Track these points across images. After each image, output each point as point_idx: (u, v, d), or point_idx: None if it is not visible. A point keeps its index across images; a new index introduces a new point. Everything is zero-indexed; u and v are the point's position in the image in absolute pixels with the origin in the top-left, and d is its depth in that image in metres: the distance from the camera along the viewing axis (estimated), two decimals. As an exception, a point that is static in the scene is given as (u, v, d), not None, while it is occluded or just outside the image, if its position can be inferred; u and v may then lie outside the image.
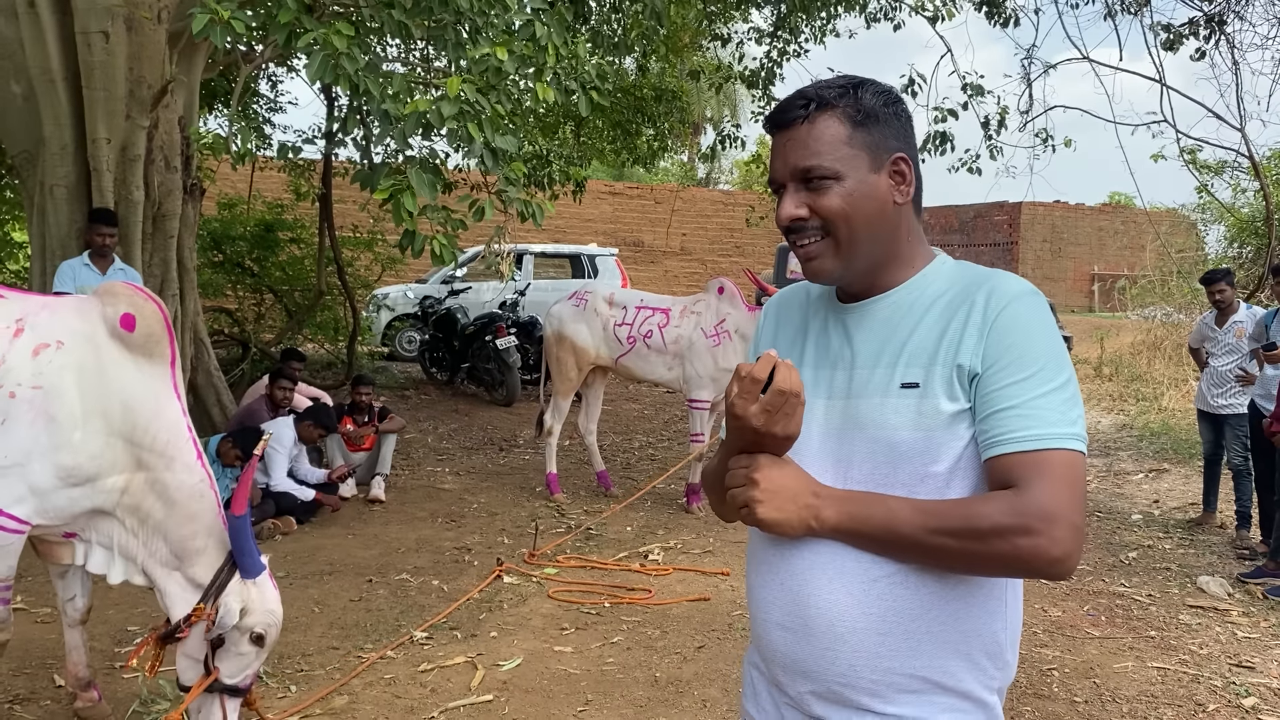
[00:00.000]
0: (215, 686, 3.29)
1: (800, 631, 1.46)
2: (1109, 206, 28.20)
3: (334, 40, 4.16)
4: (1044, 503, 1.31)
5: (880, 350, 1.49)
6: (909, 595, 1.42)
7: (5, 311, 3.30)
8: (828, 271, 1.51)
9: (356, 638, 4.62)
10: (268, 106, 12.67)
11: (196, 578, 3.32)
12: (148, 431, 3.31)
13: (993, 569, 1.39)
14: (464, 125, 4.41)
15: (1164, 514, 7.50)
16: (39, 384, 3.19)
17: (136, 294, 3.43)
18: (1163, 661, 4.61)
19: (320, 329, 12.44)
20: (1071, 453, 1.36)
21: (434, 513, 6.92)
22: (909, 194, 1.51)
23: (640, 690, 4.13)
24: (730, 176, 34.50)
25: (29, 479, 3.16)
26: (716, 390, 6.95)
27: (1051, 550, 1.31)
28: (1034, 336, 1.40)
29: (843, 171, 1.47)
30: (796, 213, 1.49)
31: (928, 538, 1.36)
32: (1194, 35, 9.83)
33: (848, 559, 1.43)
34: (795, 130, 1.49)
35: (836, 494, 1.43)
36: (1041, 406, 1.36)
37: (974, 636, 1.45)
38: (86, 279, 6.19)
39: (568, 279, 14.68)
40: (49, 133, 6.74)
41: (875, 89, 1.51)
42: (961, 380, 1.41)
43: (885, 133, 1.50)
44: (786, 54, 11.03)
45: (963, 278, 1.50)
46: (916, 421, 1.41)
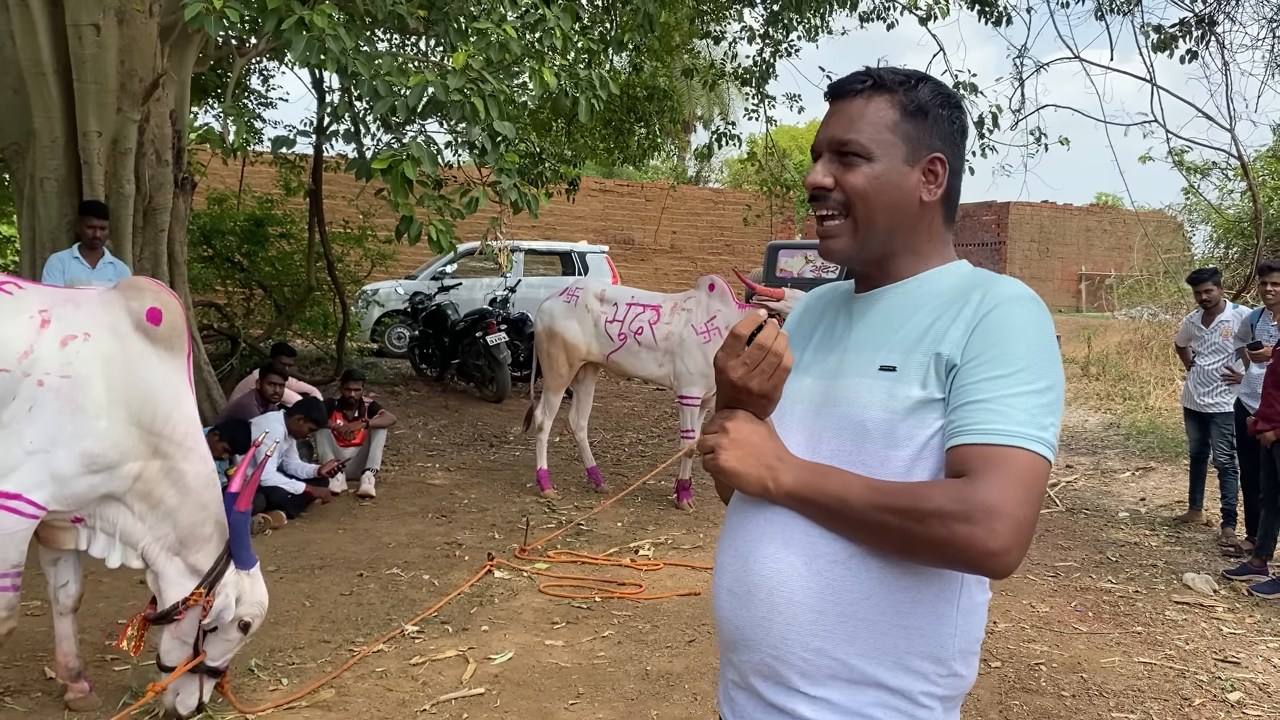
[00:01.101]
0: (199, 668, 3.49)
1: (744, 597, 1.47)
2: (1096, 207, 28.31)
3: (317, 20, 4.14)
4: (990, 495, 1.30)
5: (871, 335, 1.51)
6: (851, 577, 1.41)
7: (29, 303, 3.39)
8: (840, 250, 1.54)
9: (347, 631, 4.63)
10: (259, 101, 12.63)
11: (197, 565, 3.47)
12: (168, 421, 3.43)
13: (928, 554, 1.36)
14: (469, 100, 4.39)
15: (1150, 511, 7.55)
16: (67, 373, 3.30)
17: (161, 289, 3.59)
18: (1149, 656, 4.65)
19: (310, 324, 12.42)
20: (1033, 455, 1.34)
21: (424, 508, 6.93)
22: (936, 194, 1.53)
23: (631, 684, 4.15)
24: (720, 175, 34.53)
25: (51, 465, 3.26)
26: (707, 387, 6.97)
27: (989, 542, 1.28)
28: (1019, 338, 1.39)
29: (876, 154, 1.50)
30: (821, 180, 1.52)
31: (872, 513, 1.35)
32: (1185, 36, 9.88)
33: (796, 530, 1.43)
34: (848, 103, 1.52)
35: (798, 462, 1.45)
36: (1012, 405, 1.35)
37: (916, 635, 1.42)
38: (76, 272, 6.17)
39: (558, 276, 14.68)
40: (39, 125, 6.72)
41: (936, 88, 1.54)
42: (938, 369, 1.41)
43: (931, 130, 1.52)
44: (779, 52, 11.05)
45: (969, 277, 1.52)
46: (886, 403, 1.42)
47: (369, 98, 4.39)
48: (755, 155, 13.06)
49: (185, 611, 3.45)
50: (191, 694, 3.55)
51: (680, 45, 12.34)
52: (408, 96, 4.42)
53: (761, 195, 14.15)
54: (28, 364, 3.27)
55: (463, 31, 4.92)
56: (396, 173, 4.44)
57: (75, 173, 6.80)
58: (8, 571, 3.31)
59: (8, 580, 3.33)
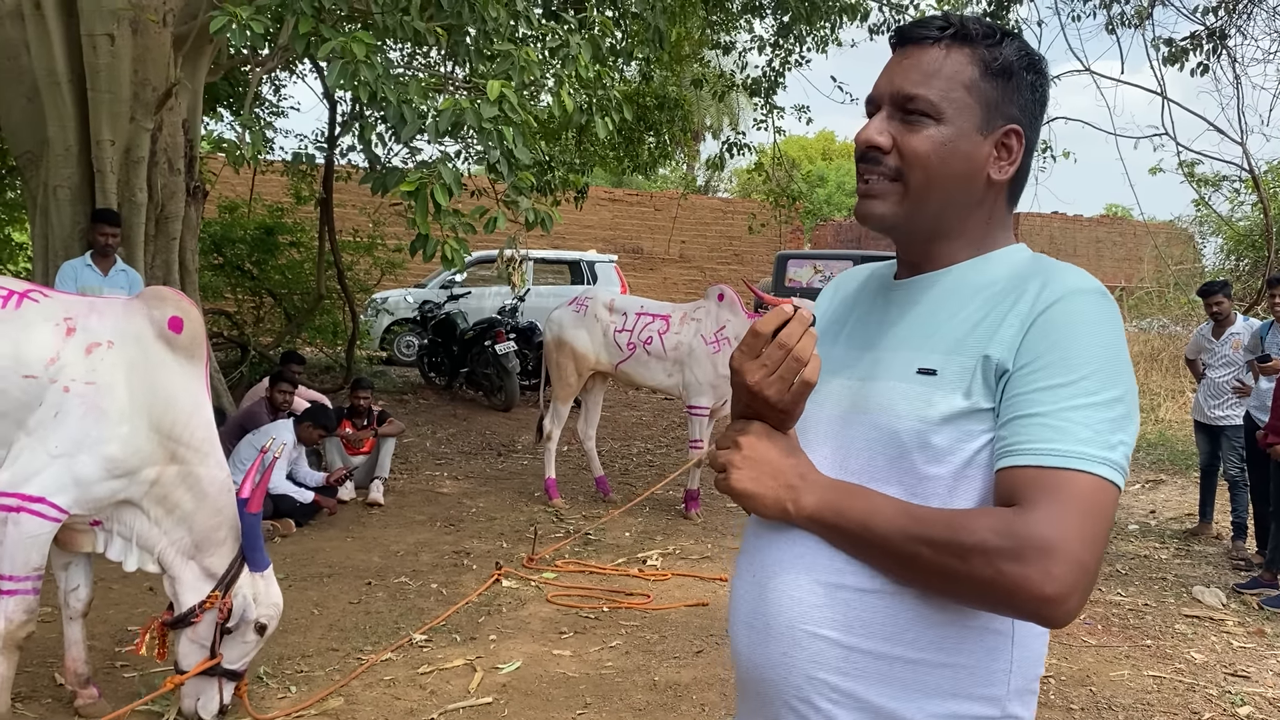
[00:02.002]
0: (216, 670, 3.53)
1: (762, 632, 1.29)
2: (1106, 218, 28.27)
3: (354, 48, 4.21)
4: (1045, 529, 1.10)
5: (912, 331, 1.31)
6: (884, 609, 1.22)
7: (54, 311, 3.47)
8: (881, 216, 1.32)
9: (356, 640, 4.63)
10: (270, 111, 12.70)
11: (212, 568, 3.52)
12: (187, 428, 3.50)
13: (970, 596, 1.16)
14: (498, 127, 4.45)
15: (1160, 524, 7.53)
16: (92, 380, 3.38)
17: (182, 299, 3.66)
18: (1159, 670, 4.63)
19: (319, 332, 12.46)
20: (1098, 479, 1.12)
21: (433, 517, 6.93)
22: (1008, 172, 1.32)
23: (639, 694, 4.15)
24: (730, 184, 34.56)
25: (75, 469, 3.33)
26: (716, 397, 6.97)
27: (1043, 586, 1.08)
28: (1084, 338, 1.18)
29: (947, 115, 1.28)
30: (877, 139, 1.29)
31: (905, 543, 1.17)
32: (1196, 49, 9.88)
33: (821, 555, 1.25)
34: (920, 51, 1.30)
35: (823, 481, 1.26)
36: (1073, 419, 1.14)
37: (963, 674, 1.22)
38: (88, 279, 6.21)
39: (567, 285, 14.71)
40: (53, 134, 6.76)
41: (1022, 47, 1.32)
42: (986, 375, 1.21)
43: (1011, 97, 1.30)
44: (788, 63, 11.08)
45: (1026, 265, 1.30)
46: (923, 413, 1.23)
47: (395, 122, 4.43)
48: (763, 165, 13.07)
49: (202, 614, 3.50)
50: (212, 698, 3.58)
51: (690, 55, 12.38)
52: (438, 120, 4.47)
53: (769, 205, 14.15)
54: (54, 371, 3.36)
55: (481, 51, 4.97)
56: (423, 196, 4.48)
57: (88, 181, 6.84)
58: (29, 575, 3.36)
59: (28, 583, 3.37)
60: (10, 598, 3.35)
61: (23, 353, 3.34)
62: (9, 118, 7.03)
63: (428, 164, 4.65)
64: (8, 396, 3.32)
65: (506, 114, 4.56)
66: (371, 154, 5.62)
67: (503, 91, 4.52)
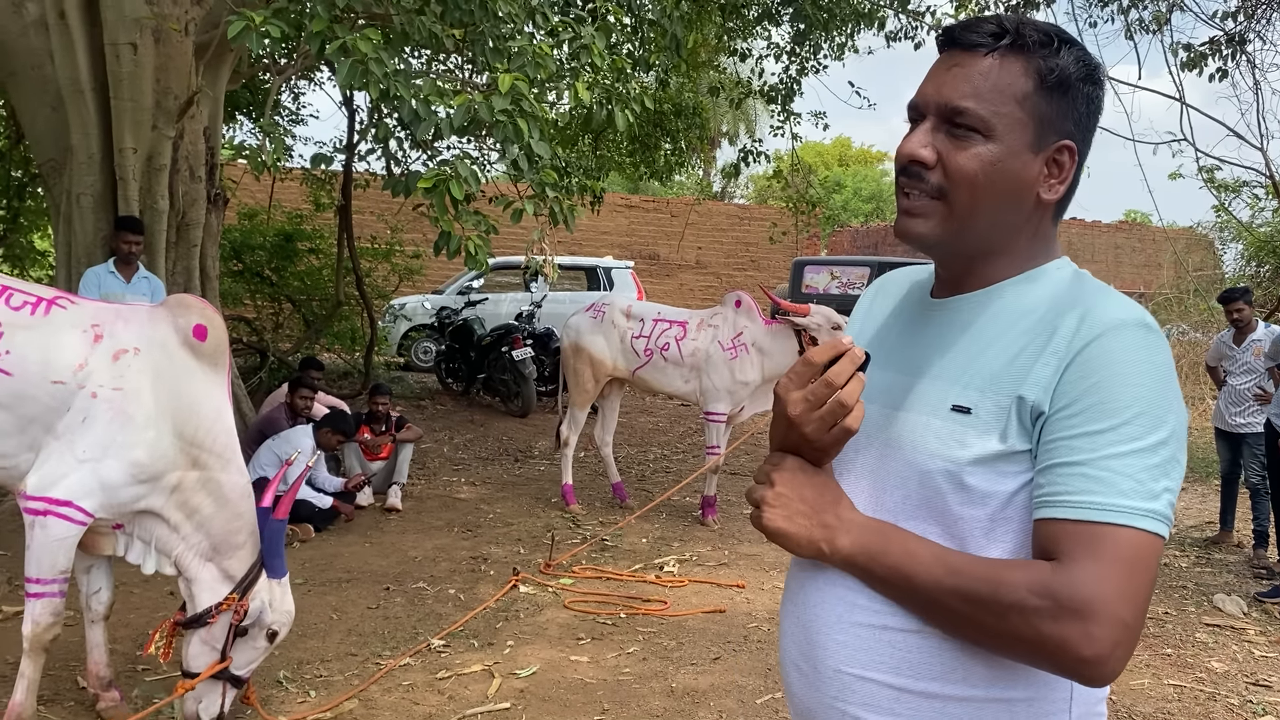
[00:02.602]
0: (223, 674, 3.55)
1: (811, 675, 1.26)
2: (1125, 224, 28.14)
3: (360, 45, 4.24)
4: (1085, 588, 1.05)
5: (947, 361, 1.25)
6: (931, 648, 1.18)
7: (81, 317, 3.53)
8: (922, 235, 1.25)
9: (374, 645, 4.66)
10: (290, 118, 12.79)
11: (230, 571, 3.56)
12: (210, 434, 3.55)
13: (1007, 652, 1.13)
14: (512, 120, 4.47)
15: (1181, 532, 7.48)
16: (119, 386, 3.43)
17: (206, 307, 3.74)
18: (1179, 679, 4.60)
19: (337, 338, 12.52)
20: (1140, 533, 1.08)
21: (450, 522, 6.96)
22: (1059, 192, 1.25)
23: (656, 700, 4.15)
24: (746, 190, 34.58)
25: (101, 474, 3.37)
26: (733, 403, 6.98)
27: (1081, 648, 1.04)
28: (1127, 379, 1.11)
29: (997, 131, 1.20)
30: (921, 153, 1.22)
31: (941, 595, 1.13)
32: (1215, 55, 9.83)
33: (860, 597, 1.22)
34: (971, 60, 1.22)
35: (860, 521, 1.22)
36: (1114, 469, 1.09)
37: (1021, 709, 1.18)
38: (111, 286, 6.27)
39: (583, 291, 14.74)
40: (76, 142, 6.83)
41: (1080, 56, 1.23)
42: (1022, 416, 1.15)
43: (1066, 111, 1.22)
44: (805, 70, 11.09)
45: (1066, 292, 1.23)
46: (955, 454, 1.17)
47: (409, 120, 4.47)
48: (781, 172, 13.07)
49: (217, 616, 3.53)
50: (214, 701, 3.61)
51: (707, 62, 12.40)
52: (451, 117, 4.50)
53: (787, 212, 14.14)
54: (82, 377, 3.41)
55: (498, 51, 5.00)
56: (441, 192, 4.50)
57: (111, 188, 6.90)
58: (55, 578, 3.40)
59: (55, 586, 3.41)
60: (38, 600, 3.39)
61: (52, 359, 3.40)
62: (33, 126, 7.11)
63: (447, 162, 4.68)
64: (37, 402, 3.37)
65: (521, 107, 4.58)
66: (390, 156, 5.66)
67: (515, 84, 4.53)
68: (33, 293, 3.54)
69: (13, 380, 3.34)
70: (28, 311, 3.44)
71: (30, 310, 3.45)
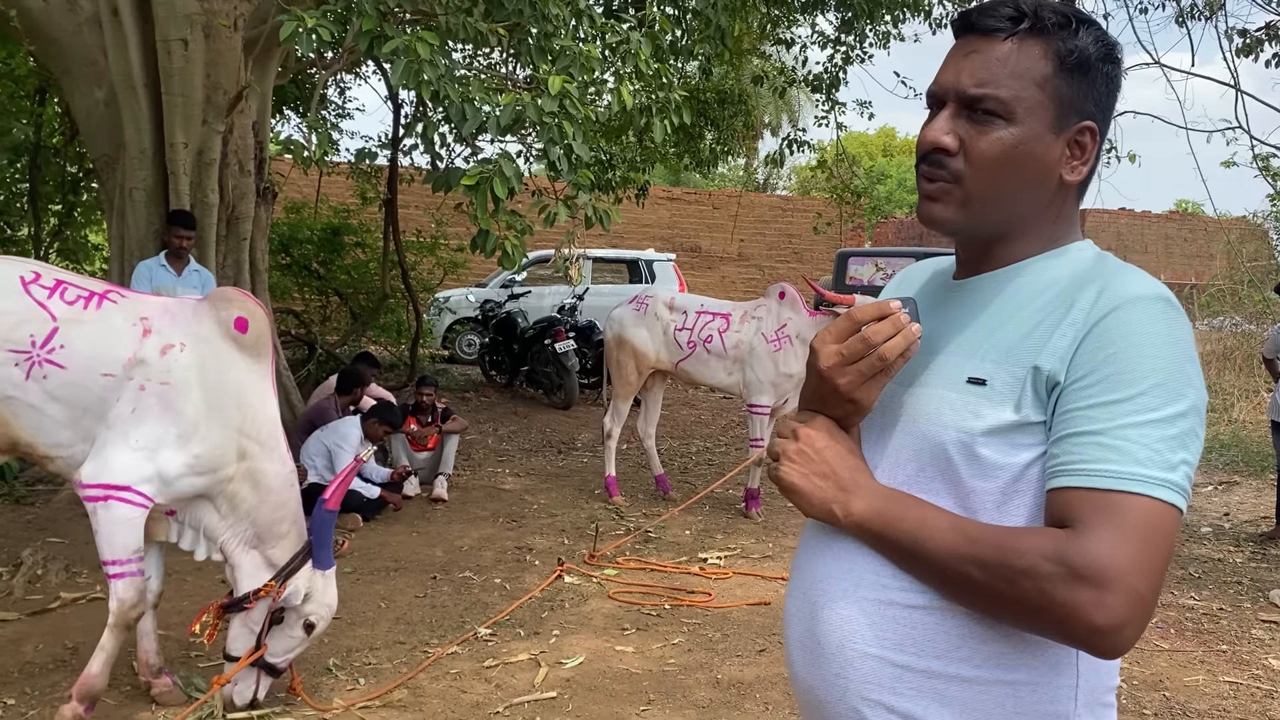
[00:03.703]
0: (259, 662, 3.62)
1: (814, 652, 1.25)
2: (1176, 214, 27.64)
3: (418, 47, 4.29)
4: (1100, 554, 1.04)
5: (965, 336, 1.25)
6: (935, 625, 1.17)
7: (131, 311, 3.60)
8: (944, 220, 1.25)
9: (422, 633, 4.70)
10: (336, 113, 12.92)
11: (273, 558, 3.65)
12: (254, 423, 3.63)
13: (1021, 620, 1.12)
14: (559, 122, 4.50)
15: (1235, 527, 7.34)
16: (167, 380, 3.51)
17: (247, 299, 3.79)
18: (1235, 676, 4.52)
19: (383, 331, 12.65)
20: (1156, 503, 1.07)
21: (495, 513, 7.00)
22: (1081, 173, 1.25)
23: (702, 691, 4.15)
24: (789, 182, 34.39)
25: (157, 463, 3.45)
26: (777, 395, 6.94)
27: (1094, 616, 1.03)
28: (1145, 350, 1.10)
29: (1018, 115, 1.20)
30: (943, 140, 1.22)
31: (955, 562, 1.12)
32: (1271, 40, 9.61)
33: (866, 569, 1.21)
34: (989, 44, 1.21)
35: (876, 489, 1.21)
36: (1130, 437, 1.08)
37: (1025, 690, 1.16)
38: (163, 279, 6.37)
39: (625, 284, 14.74)
40: (129, 137, 6.95)
41: (1099, 36, 1.23)
42: (1037, 387, 1.15)
43: (1087, 92, 1.22)
44: (850, 59, 10.99)
45: (1087, 269, 1.23)
46: (970, 425, 1.18)
47: (455, 118, 4.50)
48: (825, 163, 12.97)
49: (256, 601, 3.61)
50: (248, 686, 3.68)
51: (751, 50, 12.33)
52: (499, 116, 4.53)
53: (832, 203, 14.04)
54: (132, 370, 3.49)
55: (542, 50, 5.02)
56: (483, 190, 4.53)
57: (162, 183, 7.02)
58: (131, 557, 3.48)
59: (133, 565, 3.50)
60: (120, 580, 3.48)
61: (103, 352, 3.47)
62: (87, 121, 7.25)
63: (489, 161, 4.71)
64: (89, 393, 3.45)
65: (567, 109, 4.61)
66: (434, 152, 5.69)
67: (564, 87, 4.56)
68: (86, 287, 3.61)
69: (66, 373, 3.42)
70: (80, 306, 3.52)
71: (84, 305, 3.53)
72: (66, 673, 4.07)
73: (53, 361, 3.41)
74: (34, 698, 3.83)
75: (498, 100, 4.66)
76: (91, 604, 4.88)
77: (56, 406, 3.43)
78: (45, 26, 6.92)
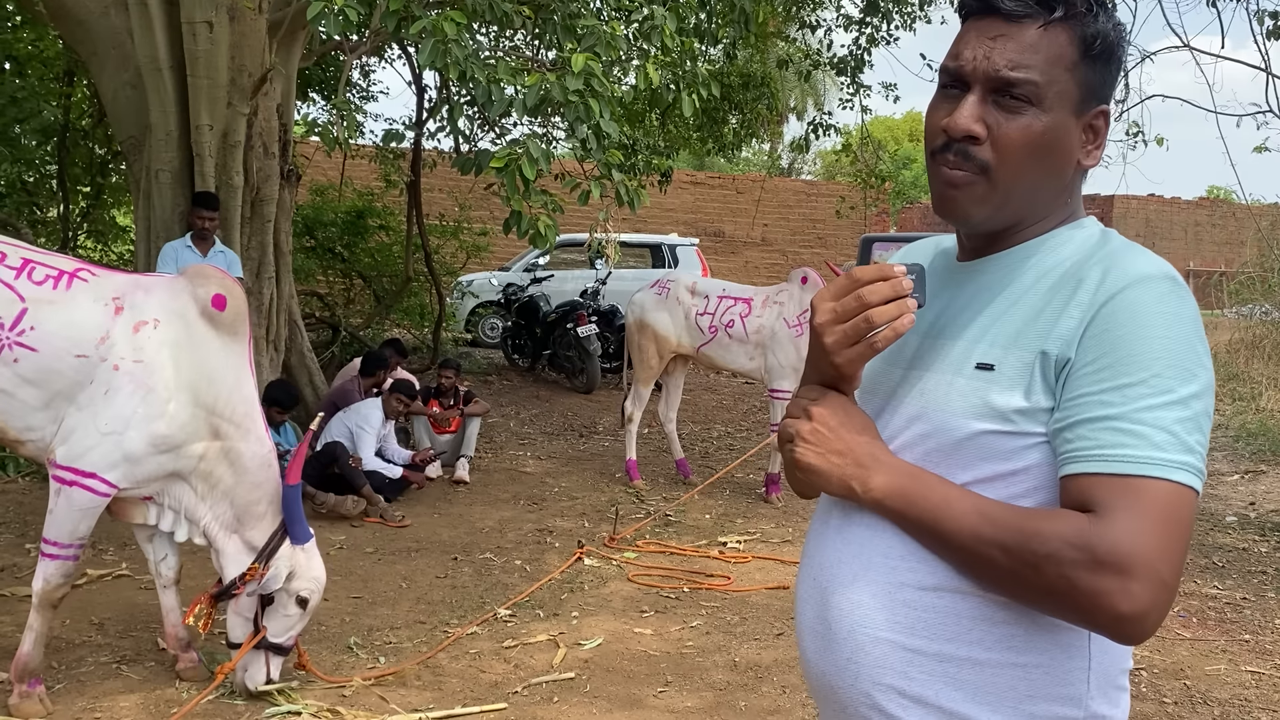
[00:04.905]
0: (262, 644, 3.62)
1: (825, 637, 1.24)
2: (1206, 200, 27.31)
3: (445, 27, 4.28)
4: (1123, 540, 1.03)
5: (971, 319, 1.23)
6: (946, 608, 1.17)
7: (103, 290, 3.57)
8: (968, 215, 1.23)
9: (442, 613, 4.74)
10: (360, 95, 12.95)
11: (253, 541, 3.63)
12: (229, 403, 3.60)
13: (1043, 605, 1.11)
14: (584, 100, 4.49)
15: (1260, 516, 7.27)
16: (140, 358, 3.47)
17: (225, 277, 3.77)
18: (1257, 666, 4.49)
19: (407, 314, 12.70)
20: (1176, 486, 1.06)
21: (516, 495, 7.04)
22: (1097, 158, 1.24)
23: (720, 674, 4.17)
24: (814, 167, 34.21)
25: (124, 446, 3.42)
26: (798, 381, 6.92)
27: (1119, 603, 1.03)
28: (1153, 332, 1.09)
29: (1048, 102, 1.17)
30: (974, 128, 1.17)
31: (976, 544, 1.11)
32: (1304, 22, 9.44)
33: (875, 551, 1.20)
34: (1015, 27, 1.17)
35: (895, 464, 1.19)
36: (1146, 421, 1.07)
37: (1037, 673, 1.16)
38: (188, 260, 6.41)
39: (648, 269, 14.73)
40: (155, 119, 6.99)
41: (1114, 18, 1.21)
42: (1045, 372, 1.13)
43: (1107, 77, 1.21)
44: (875, 41, 10.90)
45: (1091, 249, 1.21)
46: (978, 411, 1.16)
47: (482, 100, 4.50)
48: (850, 147, 12.88)
49: (243, 587, 3.61)
50: (259, 670, 3.68)
51: (776, 33, 12.25)
52: (524, 97, 4.52)
53: (856, 187, 13.95)
54: (104, 349, 3.46)
55: (568, 29, 5.01)
56: (512, 172, 4.53)
57: (188, 165, 7.05)
58: (73, 543, 3.51)
59: (71, 550, 3.51)
60: (52, 561, 3.49)
61: (74, 333, 3.43)
62: (114, 104, 7.29)
63: (517, 142, 4.71)
64: (63, 376, 3.42)
65: (593, 87, 4.59)
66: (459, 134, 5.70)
67: (588, 64, 4.54)
68: (55, 265, 3.56)
69: (39, 356, 3.38)
70: (50, 286, 3.47)
71: (53, 284, 3.48)
72: (92, 648, 4.14)
73: (23, 344, 3.36)
74: (61, 672, 3.88)
75: (523, 81, 4.65)
76: (117, 580, 4.96)
77: (29, 390, 3.40)
78: (72, 9, 6.96)
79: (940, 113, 1.22)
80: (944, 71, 1.23)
